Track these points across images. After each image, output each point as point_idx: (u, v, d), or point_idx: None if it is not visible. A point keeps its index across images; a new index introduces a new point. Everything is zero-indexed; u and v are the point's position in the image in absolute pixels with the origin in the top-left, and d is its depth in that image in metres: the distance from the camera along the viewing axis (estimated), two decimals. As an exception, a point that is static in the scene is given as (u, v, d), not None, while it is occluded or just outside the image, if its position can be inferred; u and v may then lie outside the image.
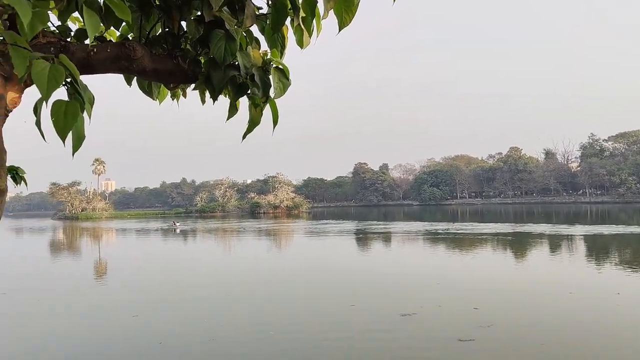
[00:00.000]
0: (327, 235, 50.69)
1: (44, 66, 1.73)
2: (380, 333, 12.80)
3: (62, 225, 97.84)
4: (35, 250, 47.66)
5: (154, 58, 2.60)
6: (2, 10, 1.68)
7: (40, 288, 22.52)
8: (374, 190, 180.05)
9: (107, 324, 14.99)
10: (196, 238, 56.01)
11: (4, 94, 2.26)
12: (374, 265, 27.24)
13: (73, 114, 1.81)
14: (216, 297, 18.55)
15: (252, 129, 2.60)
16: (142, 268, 29.50)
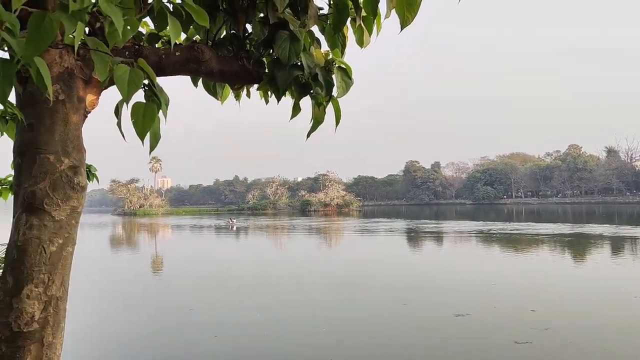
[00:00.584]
0: (378, 233, 50.44)
1: (124, 70, 1.84)
2: (434, 333, 12.65)
3: (121, 221, 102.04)
4: (96, 244, 49.98)
5: (220, 60, 2.69)
6: (94, 20, 1.80)
7: (100, 282, 23.60)
8: (426, 189, 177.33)
9: (165, 317, 15.54)
10: (251, 235, 57.06)
11: (84, 96, 2.42)
12: (426, 264, 26.90)
13: (151, 115, 1.90)
14: (269, 295, 18.85)
15: (316, 127, 2.65)
16: (199, 263, 30.34)
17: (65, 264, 2.29)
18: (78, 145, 2.35)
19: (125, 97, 1.81)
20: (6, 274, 2.20)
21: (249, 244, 46.43)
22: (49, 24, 1.34)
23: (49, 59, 2.29)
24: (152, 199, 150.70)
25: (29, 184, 2.21)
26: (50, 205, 2.21)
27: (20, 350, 2.19)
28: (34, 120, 2.26)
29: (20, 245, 2.17)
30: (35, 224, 2.19)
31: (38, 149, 2.23)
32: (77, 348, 12.19)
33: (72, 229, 2.31)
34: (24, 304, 2.16)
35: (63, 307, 2.30)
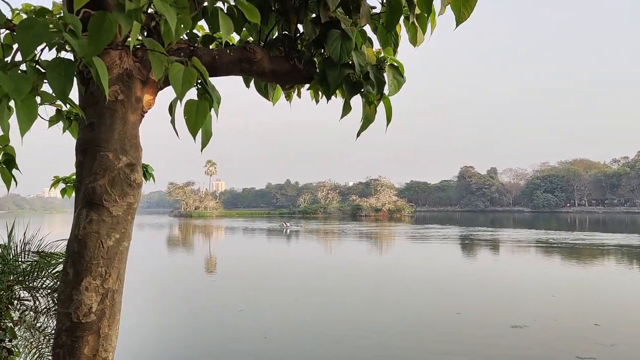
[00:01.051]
0: (430, 240, 49.54)
1: (179, 69, 1.88)
2: (488, 344, 12.25)
3: (178, 222, 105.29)
4: (155, 244, 51.74)
5: (272, 60, 2.71)
6: (149, 20, 1.86)
7: (158, 281, 24.40)
8: (481, 195, 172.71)
9: (215, 317, 15.86)
10: (303, 238, 57.43)
11: (141, 97, 2.50)
12: (481, 273, 26.13)
13: (203, 112, 1.94)
14: (319, 298, 18.88)
15: (367, 126, 2.62)
16: (251, 264, 30.82)
17: (121, 258, 2.36)
18: (135, 144, 2.42)
19: (179, 94, 1.85)
20: (67, 266, 2.29)
21: (301, 247, 46.74)
22: (108, 24, 1.39)
23: (109, 60, 2.38)
24: (207, 201, 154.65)
25: (89, 180, 2.30)
26: (108, 201, 2.28)
27: (79, 340, 2.26)
28: (95, 119, 2.35)
29: (81, 239, 2.25)
30: (95, 218, 2.27)
31: (98, 147, 2.31)
32: (128, 344, 12.65)
33: (128, 224, 2.38)
34: (82, 295, 2.24)
35: (119, 300, 2.37)
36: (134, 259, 13.20)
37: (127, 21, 1.37)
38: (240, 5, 1.72)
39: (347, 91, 2.55)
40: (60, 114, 3.03)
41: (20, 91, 1.47)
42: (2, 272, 4.43)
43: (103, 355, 2.34)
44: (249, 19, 1.78)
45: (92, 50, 1.45)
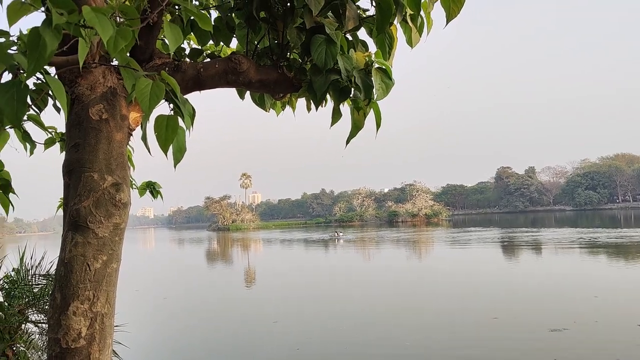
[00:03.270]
0: (468, 243, 48.52)
1: (146, 84, 1.82)
2: (525, 349, 11.78)
3: (216, 236, 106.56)
4: (193, 259, 52.48)
5: (259, 70, 2.63)
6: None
7: (197, 294, 24.68)
8: (520, 196, 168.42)
9: (250, 328, 15.86)
10: (341, 247, 57.21)
11: (127, 115, 2.45)
12: (519, 275, 25.34)
13: (173, 127, 1.86)
14: (353, 307, 18.66)
15: (356, 133, 2.50)
16: (289, 276, 30.77)
17: (110, 281, 2.30)
18: (122, 163, 2.37)
19: (146, 110, 1.78)
20: (55, 291, 2.25)
21: (340, 256, 46.51)
22: (43, 40, 1.32)
23: (92, 79, 2.34)
24: (244, 214, 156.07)
25: (74, 202, 2.25)
26: (93, 222, 2.23)
27: (69, 367, 2.21)
28: (79, 139, 2.31)
29: (67, 263, 2.21)
30: (80, 241, 2.22)
31: (83, 167, 2.27)
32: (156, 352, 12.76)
33: (116, 245, 2.32)
34: (70, 320, 2.19)
35: (109, 324, 2.31)
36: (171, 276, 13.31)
37: (53, 36, 1.30)
38: (190, 13, 1.64)
39: (334, 97, 2.45)
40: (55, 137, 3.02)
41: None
42: (13, 296, 4.50)
43: (95, 381, 2.28)
44: (202, 27, 1.70)
45: (32, 69, 1.38)
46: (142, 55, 2.44)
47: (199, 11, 1.68)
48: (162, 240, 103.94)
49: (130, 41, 1.47)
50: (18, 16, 1.31)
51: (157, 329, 16.72)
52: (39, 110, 2.34)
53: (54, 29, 1.28)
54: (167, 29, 1.60)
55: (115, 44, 1.43)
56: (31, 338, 4.77)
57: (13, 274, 4.88)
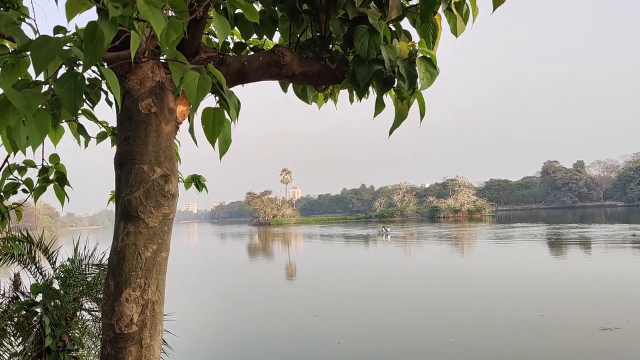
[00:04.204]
0: (512, 240, 47.33)
1: (193, 77, 1.86)
2: (574, 348, 11.41)
3: (257, 231, 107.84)
4: (236, 252, 53.36)
5: (302, 62, 2.65)
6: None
7: (239, 287, 25.10)
8: (568, 191, 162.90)
9: (292, 322, 16.01)
10: (380, 243, 56.93)
11: (174, 108, 2.51)
12: (567, 272, 24.55)
13: (220, 119, 1.90)
14: (393, 304, 18.55)
15: (399, 123, 2.48)
16: (331, 270, 30.84)
17: (160, 269, 2.37)
18: (170, 155, 2.43)
19: (193, 102, 1.83)
20: (108, 278, 2.33)
21: (380, 252, 46.29)
22: (100, 33, 1.37)
23: (141, 74, 2.42)
24: (284, 209, 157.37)
25: (125, 193, 2.33)
26: (144, 212, 2.30)
27: (122, 351, 2.28)
28: (130, 133, 2.39)
29: (119, 251, 2.29)
30: (132, 230, 2.30)
31: (133, 159, 2.34)
32: (202, 342, 13.05)
33: (165, 235, 2.38)
34: (123, 307, 2.27)
35: (159, 311, 2.38)
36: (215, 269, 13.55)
37: (110, 28, 1.35)
38: (237, 5, 1.67)
39: (378, 88, 2.43)
40: (107, 131, 3.14)
41: (30, 107, 1.50)
42: (68, 285, 4.72)
43: (147, 366, 2.35)
44: (249, 19, 1.73)
45: (88, 61, 1.44)
46: (189, 50, 2.49)
47: (246, 3, 1.70)
48: (206, 234, 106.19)
49: (180, 34, 1.51)
50: (76, 11, 1.37)
51: (201, 320, 17.11)
52: (92, 105, 2.43)
53: (111, 22, 1.33)
54: (215, 20, 1.63)
55: (167, 36, 1.47)
56: (86, 325, 4.99)
57: (68, 264, 5.12)
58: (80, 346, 4.79)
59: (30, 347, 4.58)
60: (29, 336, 4.71)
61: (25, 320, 4.87)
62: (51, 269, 5.39)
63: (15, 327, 4.95)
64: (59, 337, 4.55)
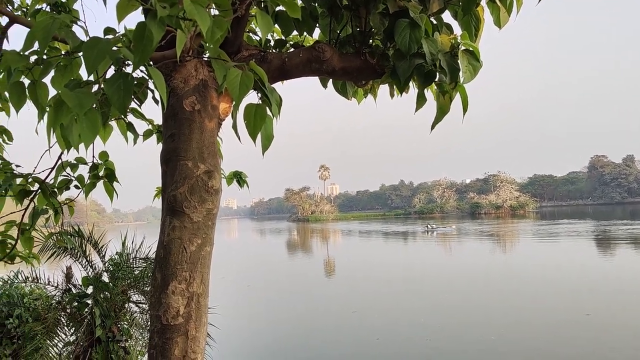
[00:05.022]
0: (558, 237, 45.93)
1: (236, 74, 1.89)
2: (621, 349, 11.00)
3: (295, 227, 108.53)
4: (276, 248, 53.89)
5: (342, 57, 2.65)
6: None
7: (278, 282, 25.36)
8: (617, 186, 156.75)
9: (331, 317, 16.06)
10: (411, 240, 56.39)
11: (217, 105, 2.57)
12: (616, 271, 23.63)
13: (262, 115, 1.94)
14: (435, 302, 18.33)
15: (441, 118, 2.45)
16: (370, 267, 30.76)
17: (204, 263, 2.43)
18: (213, 151, 2.49)
19: (236, 99, 1.86)
20: (155, 271, 2.41)
21: (423, 249, 45.80)
22: (149, 33, 1.42)
23: (185, 72, 2.48)
24: (322, 205, 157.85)
25: (171, 188, 2.40)
26: (188, 207, 2.36)
27: (169, 342, 2.35)
28: (175, 130, 2.46)
29: (165, 245, 2.36)
30: (177, 225, 2.36)
31: (178, 156, 2.41)
32: (242, 338, 13.24)
33: (209, 230, 2.44)
34: (170, 299, 2.34)
35: (204, 303, 2.44)
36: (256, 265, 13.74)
37: (158, 27, 1.39)
38: (280, 1, 1.69)
39: (419, 82, 2.41)
40: (153, 128, 3.23)
41: (83, 106, 1.56)
42: (117, 278, 4.90)
43: (192, 357, 2.41)
44: (291, 15, 1.74)
45: (138, 60, 1.49)
46: (231, 48, 2.53)
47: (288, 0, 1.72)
48: (245, 230, 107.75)
49: (224, 31, 1.55)
50: (126, 12, 1.42)
51: (242, 313, 17.39)
52: (140, 103, 2.50)
53: (159, 22, 1.37)
54: (259, 17, 1.66)
55: (212, 34, 1.51)
56: (134, 316, 5.18)
57: (116, 257, 5.32)
58: (129, 337, 4.98)
59: (82, 337, 4.80)
60: (81, 326, 4.95)
61: (77, 311, 5.12)
62: (100, 263, 5.63)
63: (68, 317, 5.21)
64: (108, 327, 4.75)
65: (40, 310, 5.44)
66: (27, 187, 2.69)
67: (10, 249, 2.76)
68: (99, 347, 4.88)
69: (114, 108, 1.60)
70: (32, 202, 2.75)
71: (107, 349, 4.84)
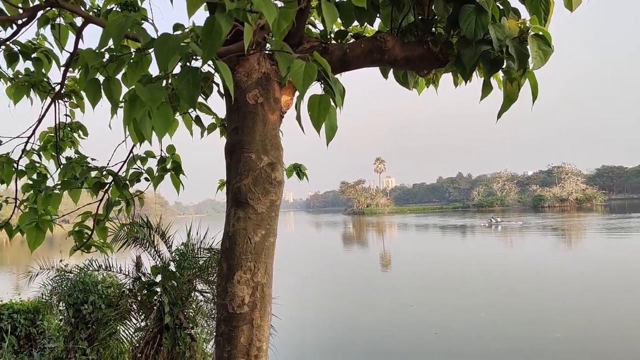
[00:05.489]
0: (629, 232, 43.45)
1: (300, 65, 1.90)
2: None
3: (351, 220, 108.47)
4: (331, 241, 54.15)
5: (404, 47, 2.61)
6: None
7: (335, 274, 25.48)
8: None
9: (388, 311, 15.96)
10: (470, 234, 55.01)
11: (279, 98, 2.60)
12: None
13: (325, 106, 1.94)
14: (496, 297, 17.84)
15: (508, 106, 2.36)
16: (428, 261, 30.34)
17: (268, 253, 2.47)
18: (275, 144, 2.52)
19: (300, 90, 1.88)
20: (221, 261, 2.48)
21: (479, 243, 44.69)
22: (217, 27, 1.45)
23: (248, 66, 2.52)
24: (378, 198, 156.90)
25: (235, 180, 2.46)
26: (252, 199, 2.41)
27: (235, 330, 2.42)
28: (238, 123, 2.51)
29: (231, 236, 2.42)
30: (242, 216, 2.42)
31: (242, 149, 2.46)
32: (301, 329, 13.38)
33: (273, 221, 2.48)
34: (235, 288, 2.40)
35: (269, 293, 2.49)
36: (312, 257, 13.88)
37: (227, 21, 1.42)
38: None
39: (485, 69, 2.33)
40: (217, 122, 3.31)
41: (155, 100, 1.62)
42: (183, 267, 5.09)
43: (257, 345, 2.46)
44: (356, 4, 1.73)
45: (207, 54, 1.53)
46: (293, 40, 2.55)
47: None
48: (301, 222, 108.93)
49: (290, 23, 1.56)
50: (196, 7, 1.46)
51: (300, 304, 17.62)
52: (205, 97, 2.56)
53: (227, 15, 1.40)
54: (324, 7, 1.66)
55: (279, 26, 1.53)
56: (199, 305, 5.38)
57: (182, 248, 5.54)
58: (194, 324, 5.18)
59: (152, 324, 5.04)
60: (151, 313, 5.19)
61: (147, 299, 5.37)
62: (167, 252, 5.88)
63: (139, 304, 5.48)
64: (176, 315, 4.96)
65: (112, 298, 5.77)
66: (101, 180, 2.83)
67: (86, 239, 2.92)
68: (167, 334, 5.10)
69: (183, 102, 1.65)
70: (106, 194, 2.90)
71: (175, 336, 5.06)
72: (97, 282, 6.15)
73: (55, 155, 3.18)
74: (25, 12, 2.35)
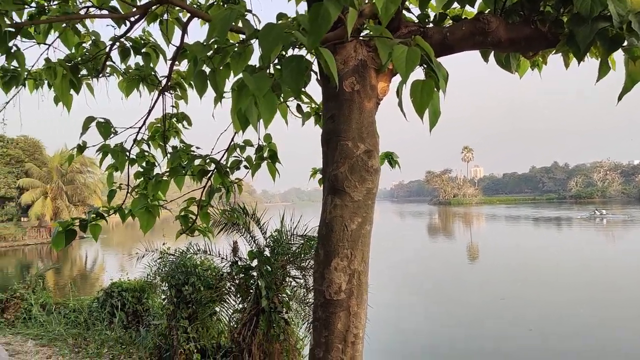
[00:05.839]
0: None
1: (402, 50, 1.86)
2: None
3: (437, 210, 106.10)
4: (416, 232, 53.37)
5: (509, 27, 2.47)
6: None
7: (421, 265, 25.12)
8: None
9: (478, 304, 15.48)
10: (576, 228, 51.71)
11: (375, 85, 2.57)
12: None
13: (428, 91, 1.88)
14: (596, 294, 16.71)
15: (631, 87, 2.16)
16: (522, 255, 29.06)
17: (364, 241, 2.47)
18: (372, 131, 2.50)
19: (403, 75, 1.84)
20: (318, 247, 2.51)
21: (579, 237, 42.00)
22: (324, 12, 1.46)
23: (345, 54, 2.51)
24: (465, 188, 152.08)
25: (332, 168, 2.47)
26: (349, 187, 2.41)
27: (332, 316, 2.45)
28: (335, 111, 2.51)
29: (328, 223, 2.44)
30: (338, 203, 2.43)
31: (338, 136, 2.46)
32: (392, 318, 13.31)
33: (369, 209, 2.47)
34: (332, 275, 2.43)
35: (365, 281, 2.49)
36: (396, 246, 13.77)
37: (335, 7, 1.41)
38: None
39: (603, 48, 2.14)
40: (312, 110, 3.35)
41: (261, 89, 1.66)
42: (277, 253, 5.24)
43: (354, 332, 2.48)
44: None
45: (312, 40, 1.54)
46: (391, 25, 2.50)
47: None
48: (386, 212, 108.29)
49: (397, 6, 1.53)
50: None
51: (386, 296, 17.58)
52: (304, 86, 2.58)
53: (336, 0, 1.40)
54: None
55: (387, 9, 1.50)
56: (294, 290, 5.54)
57: (276, 234, 5.71)
58: (288, 309, 5.34)
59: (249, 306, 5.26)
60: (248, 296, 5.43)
61: (244, 282, 5.62)
62: (262, 238, 6.11)
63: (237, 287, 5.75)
64: (271, 299, 5.14)
65: (211, 280, 6.10)
66: (205, 167, 2.97)
67: (191, 223, 3.09)
68: (262, 316, 5.31)
69: (286, 90, 1.67)
70: (209, 180, 3.04)
71: (270, 319, 5.24)
72: (196, 265, 6.54)
73: (163, 144, 3.38)
74: (138, 10, 2.50)
